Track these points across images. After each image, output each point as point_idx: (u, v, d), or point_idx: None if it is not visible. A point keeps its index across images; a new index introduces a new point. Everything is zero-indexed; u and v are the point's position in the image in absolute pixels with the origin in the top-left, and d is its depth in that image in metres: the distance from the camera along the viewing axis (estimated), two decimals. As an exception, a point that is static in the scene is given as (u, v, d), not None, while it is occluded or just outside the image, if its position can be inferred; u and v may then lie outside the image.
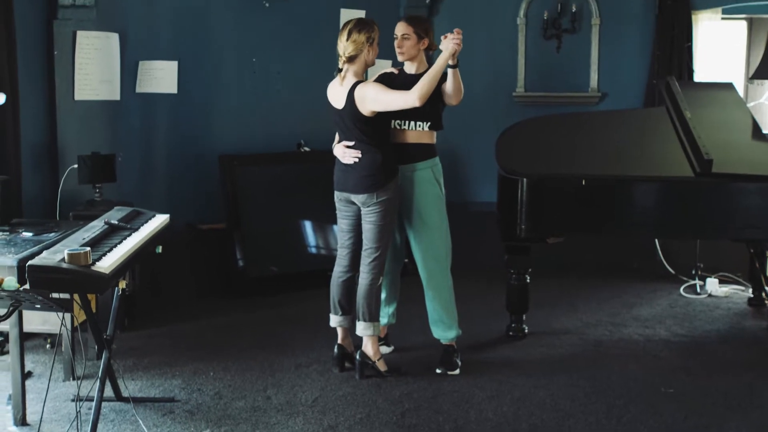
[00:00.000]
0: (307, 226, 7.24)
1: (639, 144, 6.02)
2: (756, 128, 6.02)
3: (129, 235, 4.29)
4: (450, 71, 4.87)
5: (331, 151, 7.04)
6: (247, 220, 6.95)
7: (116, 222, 4.41)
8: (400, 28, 5.14)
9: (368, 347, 5.11)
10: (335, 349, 5.22)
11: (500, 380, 5.07)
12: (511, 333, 5.90)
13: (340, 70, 5.02)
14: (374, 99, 4.84)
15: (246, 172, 7.03)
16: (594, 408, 4.67)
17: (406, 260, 5.63)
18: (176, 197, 7.00)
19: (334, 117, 5.09)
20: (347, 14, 7.61)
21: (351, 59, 4.96)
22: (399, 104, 4.83)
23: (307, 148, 7.44)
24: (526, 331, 5.91)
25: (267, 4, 7.32)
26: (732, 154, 5.65)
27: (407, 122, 5.07)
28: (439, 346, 5.29)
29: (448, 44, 4.79)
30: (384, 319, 5.41)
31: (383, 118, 4.96)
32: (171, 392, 4.83)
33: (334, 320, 5.25)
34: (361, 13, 7.66)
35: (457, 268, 5.40)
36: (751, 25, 8.12)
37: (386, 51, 5.41)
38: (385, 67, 5.72)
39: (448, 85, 4.94)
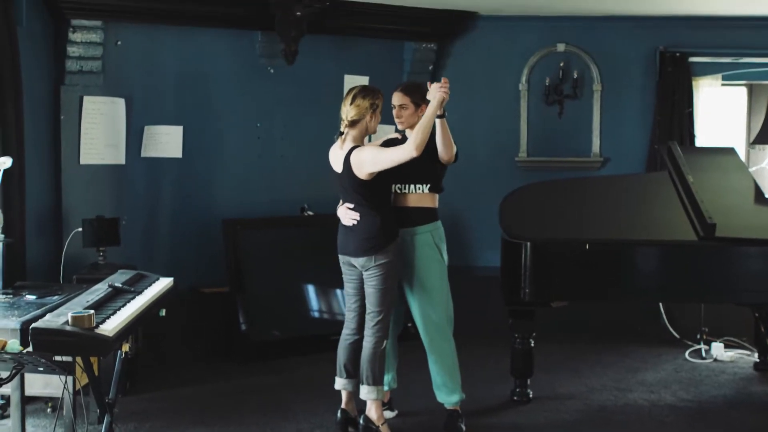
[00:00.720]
0: (310, 290, 7.23)
1: (642, 208, 6.04)
2: (758, 192, 6.05)
3: (133, 298, 4.28)
4: (438, 122, 4.89)
5: (334, 215, 7.06)
6: (250, 284, 6.94)
7: (120, 285, 4.41)
8: (397, 99, 5.16)
9: (372, 411, 5.07)
10: (338, 414, 5.19)
11: (505, 446, 5.03)
12: (515, 398, 5.86)
13: (341, 134, 5.04)
14: (372, 161, 4.86)
15: (249, 236, 7.05)
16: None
17: (409, 324, 5.62)
18: (179, 261, 7.00)
19: (336, 180, 5.13)
20: (351, 80, 7.69)
21: (353, 124, 5.00)
22: (398, 158, 4.82)
23: (310, 212, 7.46)
24: (531, 395, 5.86)
25: (272, 70, 7.39)
26: (735, 218, 5.66)
27: (407, 185, 5.11)
28: (443, 410, 5.25)
29: (435, 93, 4.83)
30: (385, 386, 5.36)
31: (382, 181, 4.98)
32: (173, 457, 4.80)
33: (339, 383, 5.23)
34: (365, 80, 7.75)
35: (461, 332, 5.40)
36: (751, 91, 8.22)
37: (390, 117, 5.45)
38: (388, 132, 5.76)
39: (437, 137, 4.95)
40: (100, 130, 6.71)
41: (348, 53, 7.70)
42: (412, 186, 5.12)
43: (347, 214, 5.07)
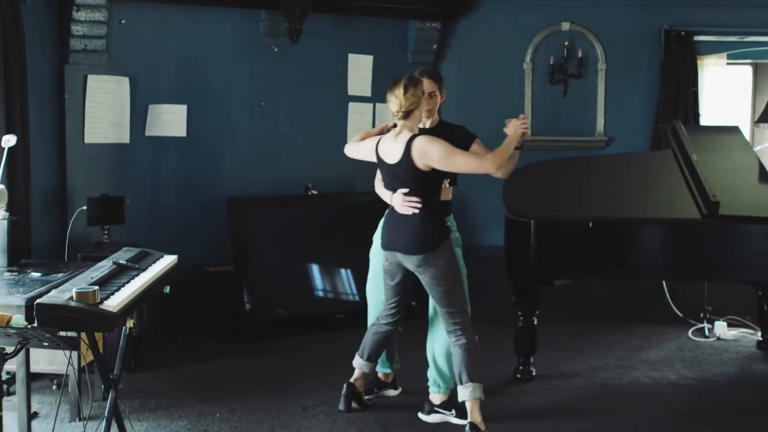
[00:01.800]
0: (315, 269, 7.25)
1: (646, 187, 6.03)
2: (762, 171, 6.03)
3: (137, 275, 4.30)
4: (515, 152, 4.93)
5: (338, 193, 7.10)
6: (255, 263, 6.96)
7: (124, 262, 4.42)
8: (428, 86, 4.96)
9: (475, 414, 4.81)
10: (344, 388, 5.19)
11: (508, 423, 5.06)
12: (518, 375, 5.89)
13: (395, 126, 4.85)
14: (443, 159, 4.64)
15: (253, 215, 7.06)
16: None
17: (413, 303, 5.63)
18: (184, 239, 7.01)
19: (386, 173, 4.91)
20: (355, 59, 7.71)
21: (407, 114, 4.73)
22: (472, 168, 4.72)
23: (314, 192, 7.47)
24: (534, 373, 5.89)
25: (276, 49, 7.39)
26: (739, 196, 5.65)
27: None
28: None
29: (517, 129, 4.84)
30: (388, 367, 5.43)
31: (439, 174, 4.76)
32: (177, 433, 4.83)
33: (357, 362, 5.25)
34: (369, 59, 7.76)
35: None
36: (756, 70, 8.20)
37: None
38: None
39: (509, 163, 4.96)
40: (105, 109, 6.72)
41: (352, 32, 7.70)
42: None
43: (406, 201, 4.74)
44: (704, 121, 7.92)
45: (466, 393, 4.79)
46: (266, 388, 5.62)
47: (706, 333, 7.03)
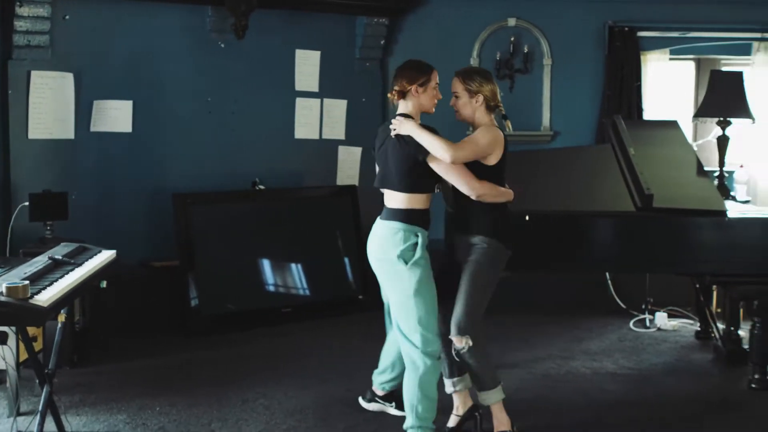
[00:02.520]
0: (262, 263, 7.28)
1: (586, 180, 6.11)
2: (697, 165, 6.14)
3: (72, 270, 4.32)
4: None
5: (286, 188, 7.16)
6: (201, 258, 6.99)
7: (60, 257, 4.44)
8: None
9: (500, 418, 4.71)
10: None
11: (445, 410, 5.10)
12: (461, 367, 5.96)
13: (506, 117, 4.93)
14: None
15: (200, 210, 7.08)
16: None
17: (360, 297, 5.63)
18: (130, 235, 7.03)
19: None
20: (302, 55, 7.75)
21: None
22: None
23: (262, 187, 7.50)
24: (475, 364, 5.95)
25: (222, 45, 7.41)
26: (673, 189, 5.75)
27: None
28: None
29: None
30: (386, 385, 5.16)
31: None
32: (115, 427, 4.85)
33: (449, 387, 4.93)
34: (316, 54, 7.81)
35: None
36: (699, 65, 8.31)
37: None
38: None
39: None
40: (49, 105, 6.72)
41: (299, 28, 7.73)
42: None
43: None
44: (647, 115, 8.03)
45: (487, 398, 4.70)
46: (209, 382, 5.66)
47: (647, 324, 7.16)
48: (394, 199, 4.58)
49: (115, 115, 7.02)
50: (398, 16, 8.07)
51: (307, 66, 7.80)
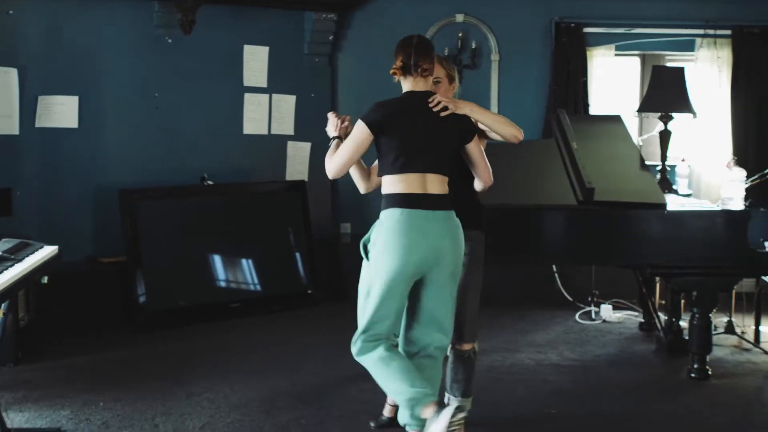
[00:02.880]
0: (210, 259, 7.29)
1: (530, 175, 6.18)
2: (639, 159, 6.23)
3: (11, 265, 4.30)
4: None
5: (235, 183, 7.15)
6: (150, 254, 6.98)
7: (0, 253, 4.43)
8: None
9: None
10: None
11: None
12: (408, 359, 6.00)
13: None
14: None
15: (147, 206, 7.07)
16: (477, 430, 4.79)
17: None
18: (77, 231, 7.02)
19: None
20: (251, 50, 7.75)
21: None
22: None
23: (210, 182, 7.50)
24: (422, 357, 6.00)
25: (169, 40, 7.39)
26: (614, 183, 5.83)
27: None
28: None
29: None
30: None
31: None
32: (58, 423, 4.83)
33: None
34: (264, 50, 7.81)
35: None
36: (644, 60, 8.43)
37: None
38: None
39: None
40: (-8, 100, 6.68)
41: (247, 23, 7.74)
42: None
43: None
44: (593, 110, 8.13)
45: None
46: (154, 377, 5.65)
47: (593, 316, 7.27)
48: (441, 183, 4.19)
49: (61, 111, 6.98)
50: (347, 12, 8.11)
51: (256, 61, 7.81)
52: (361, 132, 4.19)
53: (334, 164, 4.28)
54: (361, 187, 4.51)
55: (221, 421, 4.88)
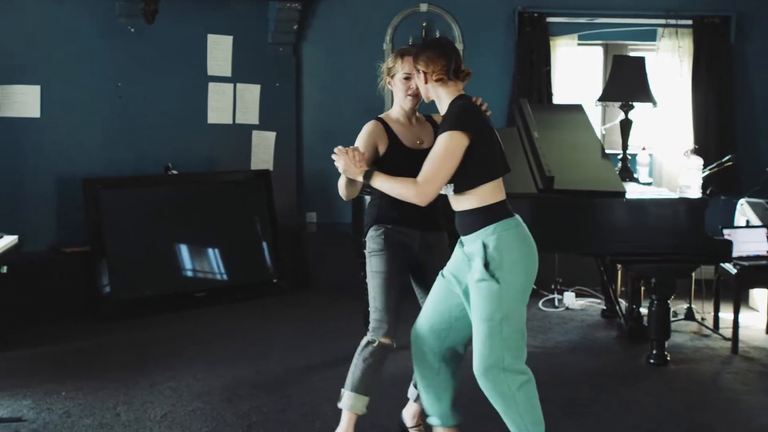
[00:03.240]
0: (176, 248, 7.29)
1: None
2: (600, 148, 6.29)
3: (-31, 255, 4.31)
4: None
5: (199, 173, 7.13)
6: (114, 243, 6.97)
7: (-42, 243, 4.43)
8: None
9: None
10: None
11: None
12: (369, 348, 6.04)
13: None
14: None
15: (111, 195, 7.06)
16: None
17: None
18: (40, 221, 7.02)
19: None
20: (214, 39, 7.74)
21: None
22: None
23: (174, 171, 7.50)
24: (384, 345, 6.03)
25: (132, 30, 7.37)
26: (574, 171, 5.88)
27: None
28: None
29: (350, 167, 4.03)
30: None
31: None
32: (19, 412, 4.82)
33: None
34: (228, 39, 7.80)
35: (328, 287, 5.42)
36: (607, 50, 8.50)
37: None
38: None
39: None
40: (-48, 91, 6.64)
41: (211, 12, 7.73)
42: None
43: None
44: (557, 99, 8.19)
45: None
46: (117, 366, 5.66)
47: (556, 303, 7.33)
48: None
49: (22, 100, 6.96)
50: (311, 1, 8.11)
51: (220, 51, 7.80)
52: (460, 144, 3.80)
53: (434, 188, 3.82)
54: (351, 194, 4.22)
55: (183, 410, 4.90)
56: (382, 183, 3.97)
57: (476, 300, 3.89)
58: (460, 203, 3.92)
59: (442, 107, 4.02)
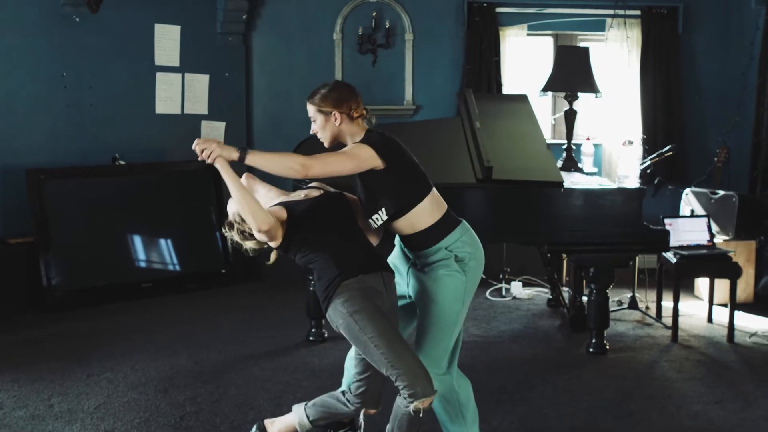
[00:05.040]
0: (123, 239, 7.26)
1: (435, 153, 6.21)
2: (541, 138, 6.31)
3: None
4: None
5: (147, 163, 7.08)
6: (59, 234, 6.94)
7: None
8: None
9: None
10: None
11: (287, 382, 5.23)
12: (311, 338, 6.07)
13: None
14: None
15: (56, 186, 7.02)
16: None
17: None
18: (-18, 211, 6.98)
19: None
20: (162, 29, 7.70)
21: None
22: None
23: (122, 162, 7.47)
24: (326, 335, 6.07)
25: (77, 19, 7.33)
26: (514, 161, 5.91)
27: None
28: None
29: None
30: None
31: None
32: (-49, 405, 4.82)
33: None
34: (176, 29, 7.77)
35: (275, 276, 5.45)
36: (557, 40, 8.53)
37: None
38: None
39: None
40: None
41: (158, 2, 7.71)
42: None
43: None
44: (506, 90, 8.22)
45: None
46: (56, 357, 5.64)
47: (503, 293, 7.37)
48: None
49: (-36, 90, 6.92)
50: (260, -9, 8.09)
51: (167, 40, 7.76)
52: (369, 156, 3.81)
53: (320, 166, 3.75)
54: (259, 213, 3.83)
55: (117, 401, 4.90)
56: (261, 158, 3.74)
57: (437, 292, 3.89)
58: (413, 224, 3.89)
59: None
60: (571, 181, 6.09)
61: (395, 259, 4.19)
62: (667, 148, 6.78)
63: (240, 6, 7.95)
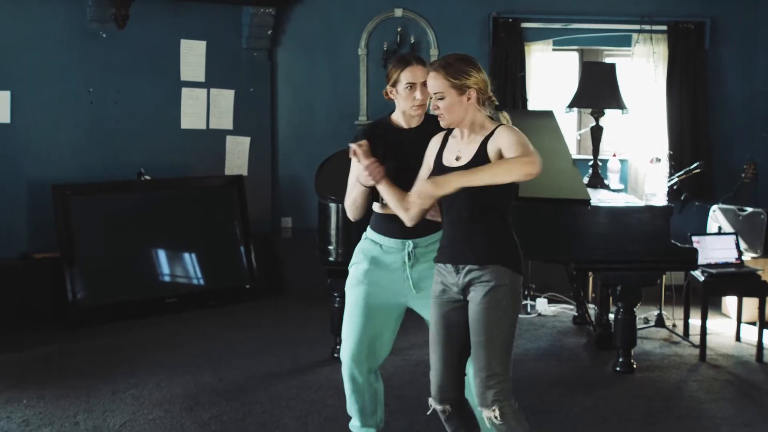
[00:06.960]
0: (147, 254, 7.28)
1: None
2: (567, 154, 6.28)
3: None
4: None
5: (172, 178, 7.10)
6: (84, 249, 6.96)
7: None
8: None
9: None
10: None
11: (313, 400, 5.20)
12: (336, 355, 6.03)
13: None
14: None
15: (82, 202, 7.05)
16: (397, 424, 4.83)
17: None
18: (10, 227, 7.03)
19: None
20: (187, 45, 7.73)
21: None
22: None
23: (147, 177, 7.49)
24: (351, 353, 6.03)
25: (104, 35, 7.37)
26: (540, 179, 5.85)
27: None
28: None
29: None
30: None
31: None
32: (-23, 421, 4.83)
33: None
34: (201, 44, 7.80)
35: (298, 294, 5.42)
36: (583, 55, 8.50)
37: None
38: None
39: None
40: None
41: (184, 17, 7.73)
42: None
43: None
44: (532, 105, 8.19)
45: None
46: (81, 374, 5.65)
47: (528, 310, 7.33)
48: None
49: (-7, 106, 6.97)
50: (285, 6, 8.11)
51: (193, 56, 7.80)
52: None
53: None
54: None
55: (143, 418, 4.89)
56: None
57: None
58: None
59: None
60: (598, 198, 6.05)
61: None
62: (695, 165, 6.73)
63: (265, 21, 7.99)
